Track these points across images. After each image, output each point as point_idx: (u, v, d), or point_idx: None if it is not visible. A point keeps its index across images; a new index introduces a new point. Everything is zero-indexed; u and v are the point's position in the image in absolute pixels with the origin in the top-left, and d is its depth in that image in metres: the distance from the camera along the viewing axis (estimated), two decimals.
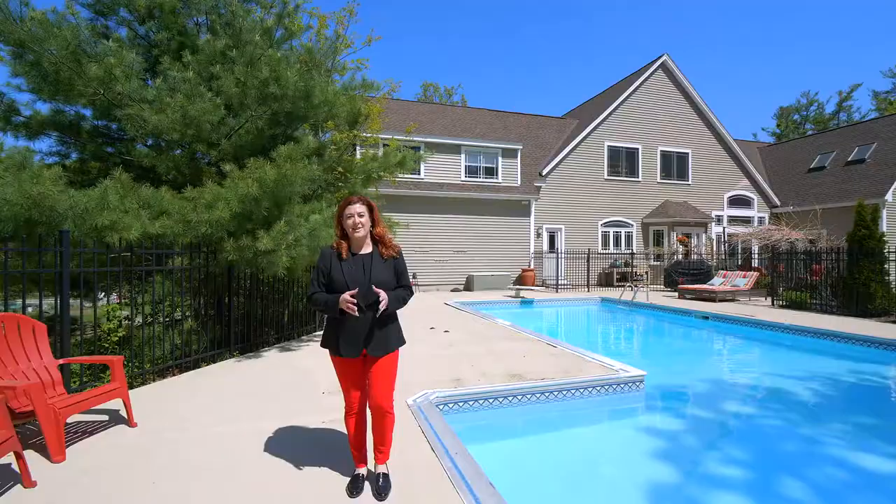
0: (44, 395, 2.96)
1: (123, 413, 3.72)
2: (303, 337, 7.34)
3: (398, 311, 2.57)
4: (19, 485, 2.60)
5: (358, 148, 10.30)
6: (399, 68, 64.57)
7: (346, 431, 2.83)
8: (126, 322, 4.63)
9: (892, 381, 6.20)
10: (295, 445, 3.15)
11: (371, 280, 2.38)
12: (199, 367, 5.29)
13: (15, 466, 2.76)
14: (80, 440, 3.24)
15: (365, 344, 2.41)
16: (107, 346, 4.38)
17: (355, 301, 2.27)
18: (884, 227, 16.89)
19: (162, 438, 3.27)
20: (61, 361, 3.58)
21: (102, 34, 6.31)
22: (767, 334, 8.76)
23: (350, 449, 2.63)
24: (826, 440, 4.16)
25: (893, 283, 10.01)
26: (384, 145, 9.07)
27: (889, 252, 9.77)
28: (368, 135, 9.18)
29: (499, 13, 72.80)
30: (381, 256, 2.50)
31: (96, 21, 6.39)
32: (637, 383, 4.80)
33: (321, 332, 7.73)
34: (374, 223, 2.51)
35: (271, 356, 5.92)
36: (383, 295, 2.32)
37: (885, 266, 9.64)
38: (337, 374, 2.53)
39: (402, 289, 2.54)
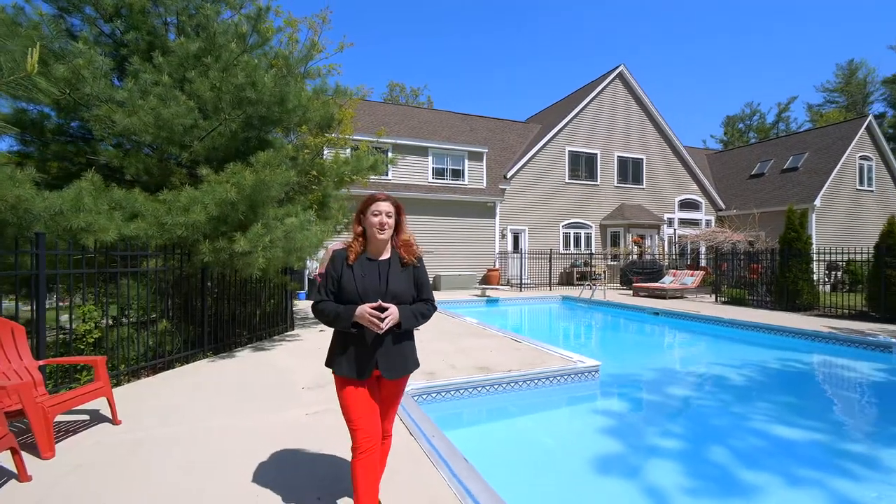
0: (33, 393, 3.04)
1: (104, 412, 3.81)
2: (274, 337, 7.44)
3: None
4: (13, 480, 2.70)
5: (326, 150, 10.41)
6: (366, 66, 64.11)
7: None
8: (101, 324, 4.65)
9: (811, 365, 7.04)
10: (283, 437, 3.36)
11: (387, 290, 2.07)
12: (172, 367, 5.35)
13: (5, 464, 2.85)
14: (66, 438, 3.33)
15: (378, 364, 2.07)
16: (82, 347, 4.40)
17: (381, 316, 1.95)
18: (812, 229, 18.59)
19: (148, 435, 3.40)
20: (42, 362, 3.62)
21: (66, 31, 6.20)
22: (710, 328, 9.60)
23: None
24: (753, 416, 4.78)
25: (818, 280, 11.16)
26: (354, 148, 9.25)
27: (813, 253, 10.89)
28: (339, 136, 9.33)
29: (467, 15, 73.59)
30: (401, 263, 2.16)
31: (59, 18, 6.26)
32: (593, 373, 5.29)
33: (293, 332, 7.89)
34: (397, 227, 2.19)
35: (245, 356, 6.03)
36: (392, 309, 1.98)
37: (811, 265, 10.74)
38: (344, 402, 2.07)
39: (422, 303, 2.19)
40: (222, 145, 6.25)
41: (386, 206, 2.11)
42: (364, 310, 1.95)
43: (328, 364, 2.17)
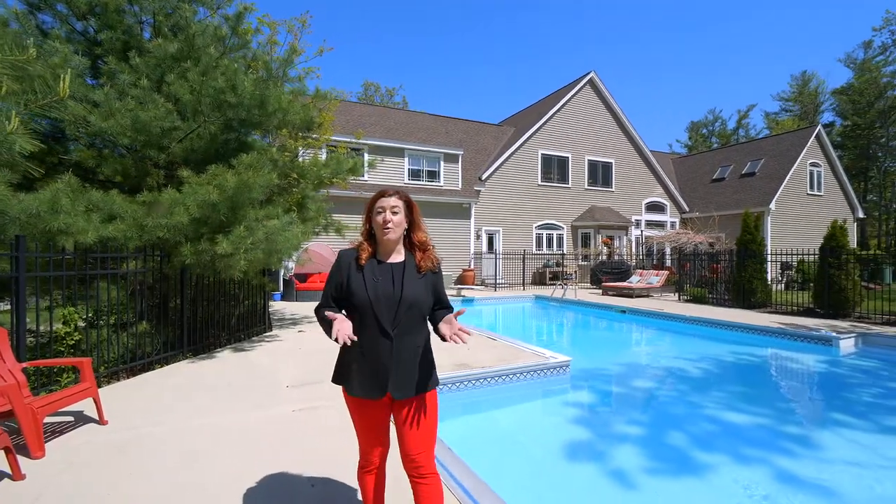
0: (21, 394, 3.08)
1: (88, 413, 3.85)
2: (253, 338, 7.47)
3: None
4: (7, 479, 2.76)
5: (304, 151, 10.44)
6: (341, 65, 63.44)
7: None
8: (81, 326, 4.64)
9: (762, 358, 7.62)
10: (273, 432, 3.50)
11: (402, 297, 1.82)
12: (153, 368, 5.36)
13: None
14: (55, 438, 3.37)
15: (388, 381, 1.80)
16: (62, 349, 4.39)
17: (352, 336, 1.69)
18: (768, 231, 19.72)
19: (137, 434, 3.46)
20: (25, 365, 3.63)
21: (37, 28, 6.09)
22: (673, 324, 10.17)
23: None
24: (710, 404, 5.21)
25: (773, 279, 11.95)
26: (332, 150, 9.33)
27: (767, 254, 11.66)
28: (318, 138, 9.40)
29: (442, 14, 73.91)
30: (417, 268, 1.90)
31: (30, 14, 6.13)
32: (564, 367, 5.62)
33: (271, 333, 7.92)
34: (412, 226, 1.94)
35: (226, 356, 6.07)
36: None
37: (764, 265, 11.50)
38: (356, 422, 1.92)
39: (444, 311, 1.97)
40: (201, 147, 6.27)
41: (390, 202, 1.85)
42: (344, 332, 1.67)
43: (337, 381, 1.91)
